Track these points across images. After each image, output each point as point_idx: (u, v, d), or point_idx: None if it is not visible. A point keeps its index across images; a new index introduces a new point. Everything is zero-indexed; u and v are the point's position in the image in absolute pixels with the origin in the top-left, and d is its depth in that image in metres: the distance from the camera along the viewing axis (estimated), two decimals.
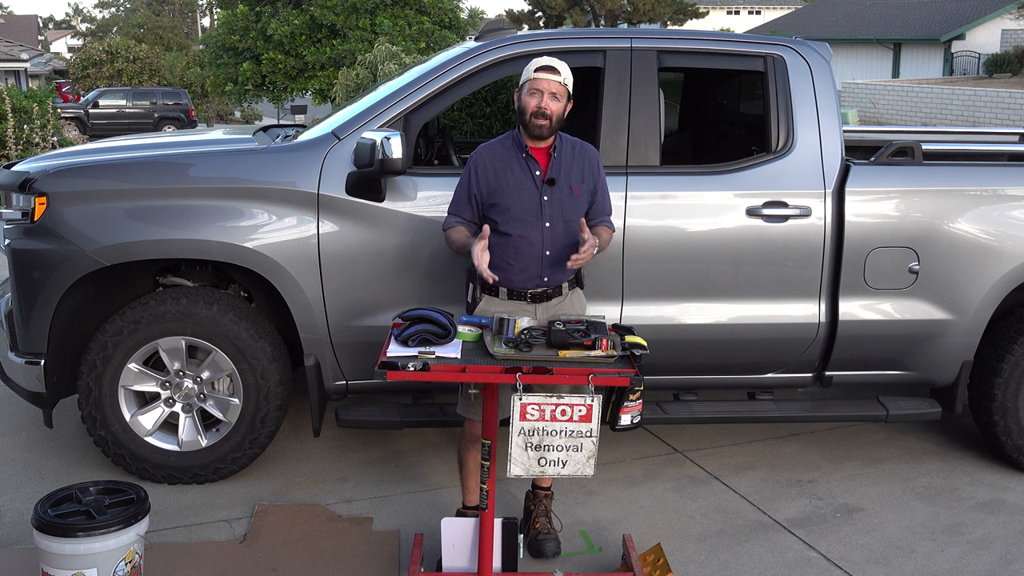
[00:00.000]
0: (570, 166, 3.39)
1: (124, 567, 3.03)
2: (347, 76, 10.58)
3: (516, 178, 3.35)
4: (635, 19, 37.82)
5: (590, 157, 3.45)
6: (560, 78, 3.28)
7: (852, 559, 3.64)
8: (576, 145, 3.45)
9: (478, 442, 3.35)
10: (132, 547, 3.05)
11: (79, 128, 25.97)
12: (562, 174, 3.37)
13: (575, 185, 3.38)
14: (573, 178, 3.38)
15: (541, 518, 3.62)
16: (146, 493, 3.17)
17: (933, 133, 5.70)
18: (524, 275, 3.35)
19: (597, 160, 3.48)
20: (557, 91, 3.29)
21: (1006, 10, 32.49)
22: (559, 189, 3.35)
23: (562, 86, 3.29)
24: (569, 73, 3.32)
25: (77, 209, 3.83)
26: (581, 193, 3.39)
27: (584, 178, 3.41)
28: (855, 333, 4.11)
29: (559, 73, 3.28)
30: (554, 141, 3.39)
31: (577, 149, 3.44)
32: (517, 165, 3.36)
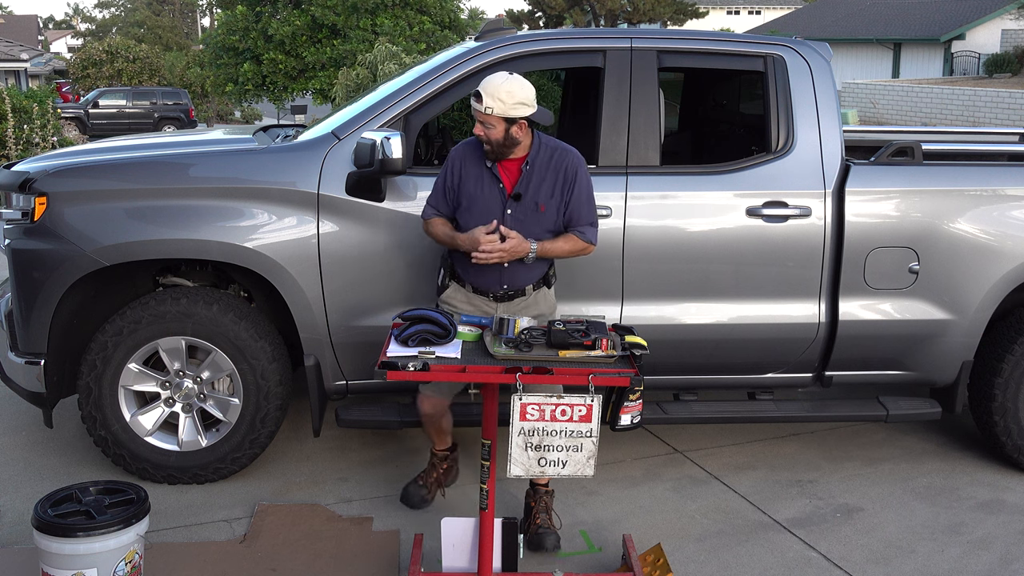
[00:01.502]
0: (541, 179, 3.36)
1: (124, 567, 3.03)
2: (347, 76, 10.58)
3: (483, 187, 3.39)
4: (635, 19, 37.80)
5: (567, 167, 3.39)
6: (482, 106, 3.23)
7: (852, 559, 3.64)
8: (555, 153, 3.40)
9: (433, 415, 3.61)
10: (132, 547, 3.06)
11: (79, 128, 25.96)
12: (530, 189, 3.36)
13: (542, 201, 3.35)
14: (542, 193, 3.36)
15: (541, 514, 3.62)
16: (146, 493, 3.17)
17: (933, 133, 5.70)
18: (484, 278, 3.43)
19: (575, 170, 3.40)
20: (483, 119, 3.26)
21: (1006, 10, 32.49)
22: (524, 205, 3.35)
23: (486, 115, 3.23)
24: (503, 96, 3.21)
25: (77, 209, 3.83)
26: (548, 209, 3.36)
27: (555, 192, 3.37)
28: (855, 333, 4.11)
29: (481, 101, 3.23)
30: (528, 153, 3.36)
31: (555, 159, 3.38)
32: (487, 173, 3.39)
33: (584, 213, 3.44)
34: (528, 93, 3.27)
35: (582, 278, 3.98)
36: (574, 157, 3.43)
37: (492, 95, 3.23)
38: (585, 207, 3.44)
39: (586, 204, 3.44)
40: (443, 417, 3.70)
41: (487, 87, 3.25)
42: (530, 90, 3.28)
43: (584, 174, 3.44)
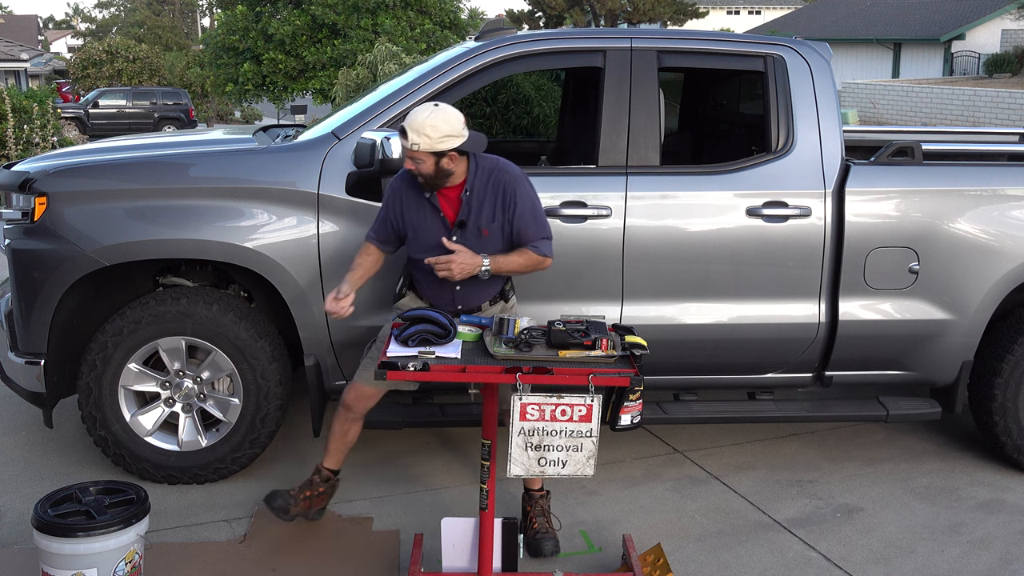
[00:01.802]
0: (481, 203, 3.31)
1: (124, 567, 3.04)
2: (347, 76, 10.58)
3: (425, 217, 3.36)
4: (635, 19, 37.80)
5: (505, 186, 3.31)
6: (408, 142, 3.17)
7: (852, 559, 3.64)
8: (492, 174, 3.32)
9: (351, 410, 3.51)
10: (132, 547, 3.06)
11: (79, 128, 25.97)
12: (472, 215, 3.31)
13: (484, 226, 3.30)
14: (484, 217, 3.31)
15: (539, 518, 3.62)
16: (146, 493, 3.17)
17: (933, 133, 5.70)
18: (438, 298, 3.42)
19: (514, 188, 3.31)
20: (411, 155, 3.21)
21: (1006, 10, 32.49)
22: (469, 231, 3.31)
23: (412, 151, 3.18)
24: (428, 131, 3.14)
25: (77, 209, 3.83)
26: (492, 233, 3.31)
27: (496, 214, 3.31)
28: (855, 333, 4.11)
29: (407, 137, 3.17)
30: (465, 180, 3.31)
31: (492, 180, 3.32)
32: (427, 204, 3.35)
33: (532, 229, 3.35)
34: (454, 124, 3.18)
35: (582, 278, 3.98)
36: (511, 175, 3.33)
37: (417, 131, 3.14)
38: (531, 223, 3.35)
39: (532, 220, 3.35)
40: (357, 421, 3.56)
41: (412, 123, 3.16)
42: (456, 120, 3.19)
43: (524, 190, 3.34)
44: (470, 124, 3.35)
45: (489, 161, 3.36)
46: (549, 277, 3.96)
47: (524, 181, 3.37)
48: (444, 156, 3.20)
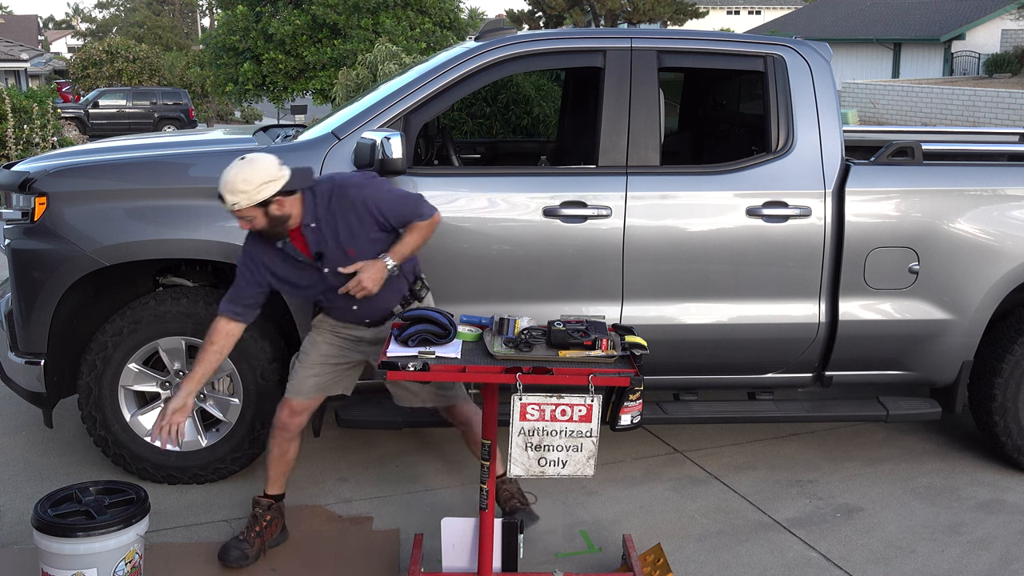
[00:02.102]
0: (334, 228, 3.19)
1: (124, 567, 3.04)
2: (347, 76, 10.58)
3: (291, 265, 3.27)
4: (635, 19, 37.80)
5: (354, 202, 3.18)
6: (226, 205, 3.06)
7: (852, 559, 3.64)
8: (332, 196, 3.19)
9: (287, 429, 3.45)
10: (132, 547, 3.06)
11: (79, 128, 25.98)
12: (328, 243, 3.20)
13: (347, 246, 3.20)
14: (342, 238, 3.19)
15: (511, 501, 3.60)
16: (146, 493, 3.17)
17: (933, 133, 5.70)
18: (344, 316, 3.39)
19: (363, 199, 3.19)
20: (237, 215, 3.10)
21: (1006, 10, 32.49)
22: (334, 258, 3.22)
23: (236, 211, 3.07)
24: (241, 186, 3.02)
25: (77, 209, 3.83)
26: (359, 249, 3.21)
27: (355, 230, 3.19)
28: (855, 333, 4.11)
29: (224, 201, 3.07)
30: (302, 217, 3.17)
31: (334, 201, 3.18)
32: (283, 253, 3.26)
33: (406, 210, 3.26)
34: (267, 169, 3.05)
35: (582, 278, 3.98)
36: (353, 187, 3.22)
37: (231, 190, 3.03)
38: (401, 207, 3.25)
39: (400, 203, 3.25)
40: (294, 440, 3.50)
41: (224, 185, 3.05)
42: (267, 165, 3.06)
43: (374, 191, 3.22)
44: (470, 124, 3.33)
45: (325, 185, 3.22)
46: (549, 277, 3.96)
47: (368, 184, 3.25)
48: (270, 204, 3.07)
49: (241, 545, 3.48)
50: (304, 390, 3.45)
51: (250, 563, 3.48)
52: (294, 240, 3.23)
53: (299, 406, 3.46)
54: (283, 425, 3.47)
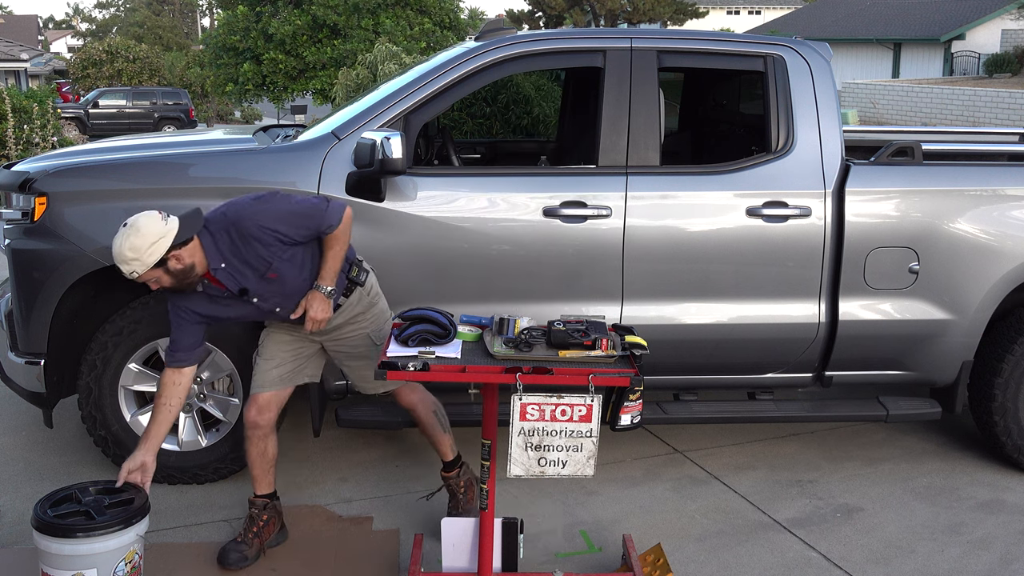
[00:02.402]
0: (245, 261, 3.11)
1: (124, 567, 3.02)
2: (347, 76, 10.58)
3: (217, 303, 3.23)
4: (635, 19, 37.80)
5: (251, 231, 3.07)
6: (127, 274, 3.01)
7: (852, 559, 3.64)
8: (231, 232, 3.09)
9: (259, 426, 3.42)
10: (132, 547, 3.05)
11: (79, 128, 25.98)
12: (247, 276, 3.15)
13: (265, 273, 3.14)
14: (258, 268, 3.14)
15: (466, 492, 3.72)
16: (146, 493, 3.17)
17: (933, 133, 5.70)
18: (293, 324, 3.38)
19: (259, 223, 3.07)
20: (143, 282, 3.05)
21: (1006, 10, 32.50)
22: (257, 288, 3.18)
23: (140, 279, 3.02)
24: (129, 253, 2.95)
25: (77, 209, 3.83)
26: (280, 271, 3.15)
27: (267, 256, 3.12)
28: (855, 333, 4.11)
29: (123, 273, 3.02)
30: (208, 262, 3.09)
31: (234, 236, 3.08)
32: (207, 295, 3.22)
33: (311, 223, 3.14)
34: (150, 230, 2.96)
35: (582, 278, 3.98)
36: (248, 220, 3.08)
37: (124, 261, 2.97)
38: (303, 221, 3.13)
39: (300, 219, 3.12)
40: (269, 435, 3.47)
41: (116, 258, 2.99)
42: (150, 225, 2.97)
43: (269, 214, 3.09)
44: (470, 124, 3.33)
45: (220, 223, 3.11)
46: (549, 277, 3.96)
47: (261, 209, 3.11)
48: (167, 262, 3.00)
49: (240, 547, 3.48)
50: (267, 382, 3.43)
51: (249, 564, 3.47)
52: (212, 281, 3.17)
53: (264, 400, 3.42)
54: (253, 423, 3.43)
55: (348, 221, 3.20)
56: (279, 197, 3.19)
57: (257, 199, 3.17)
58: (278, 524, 3.61)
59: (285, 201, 3.17)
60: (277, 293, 3.23)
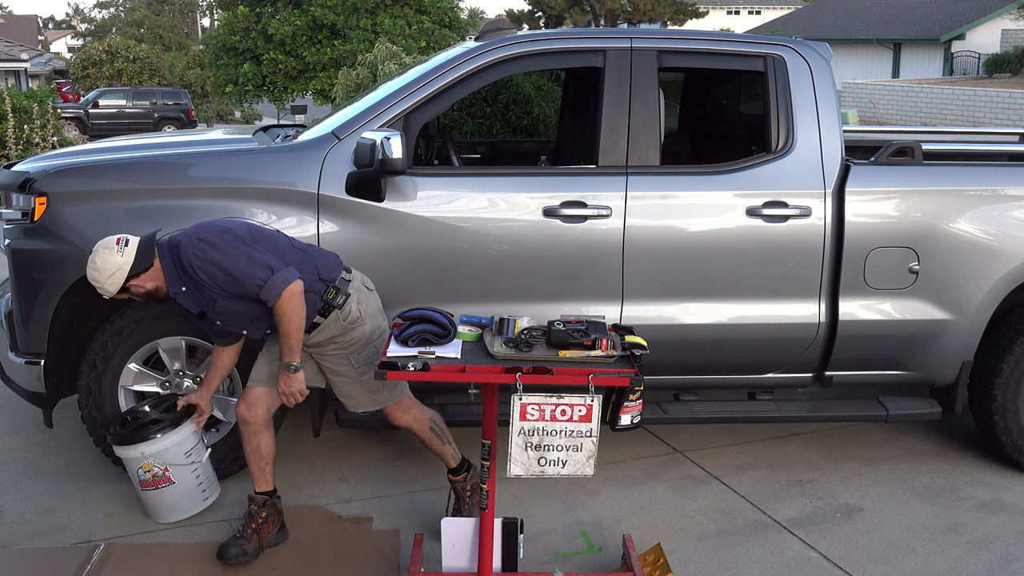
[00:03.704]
0: (196, 288, 3.23)
1: (144, 474, 3.67)
2: (347, 76, 10.58)
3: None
4: (635, 19, 37.81)
5: (193, 268, 3.15)
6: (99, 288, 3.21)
7: (852, 559, 3.64)
8: (176, 260, 3.21)
9: (249, 422, 3.46)
10: (146, 461, 3.64)
11: (79, 128, 25.98)
12: (204, 302, 3.27)
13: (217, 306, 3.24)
14: (206, 302, 3.25)
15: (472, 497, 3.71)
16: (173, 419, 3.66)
17: (933, 133, 5.70)
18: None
19: (195, 261, 3.13)
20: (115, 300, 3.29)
21: (1006, 10, 32.50)
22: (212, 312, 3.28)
23: (110, 298, 3.24)
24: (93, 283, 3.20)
25: (77, 209, 3.83)
26: (226, 306, 3.23)
27: (211, 293, 3.19)
28: (855, 333, 4.11)
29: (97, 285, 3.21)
30: (168, 285, 3.25)
31: (180, 265, 3.20)
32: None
33: (244, 288, 3.15)
34: (106, 262, 3.15)
35: (582, 278, 3.98)
36: (186, 254, 3.16)
37: (97, 285, 3.21)
38: (236, 282, 3.14)
39: (233, 278, 3.13)
40: (262, 431, 3.47)
41: (89, 276, 3.21)
42: (106, 258, 3.16)
43: (203, 260, 3.13)
44: (470, 124, 3.34)
45: (171, 251, 3.22)
46: (549, 277, 3.96)
47: (197, 250, 3.14)
48: (129, 288, 3.22)
49: (239, 542, 3.48)
50: (259, 377, 3.47)
51: (249, 559, 3.48)
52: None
53: (254, 396, 3.44)
54: (242, 418, 3.46)
55: (291, 299, 3.14)
56: (225, 244, 3.14)
57: (203, 238, 3.16)
58: (278, 523, 3.61)
59: (225, 255, 3.13)
60: (236, 321, 3.32)
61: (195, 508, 3.79)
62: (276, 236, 3.36)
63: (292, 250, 3.32)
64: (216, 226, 3.24)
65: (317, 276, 3.30)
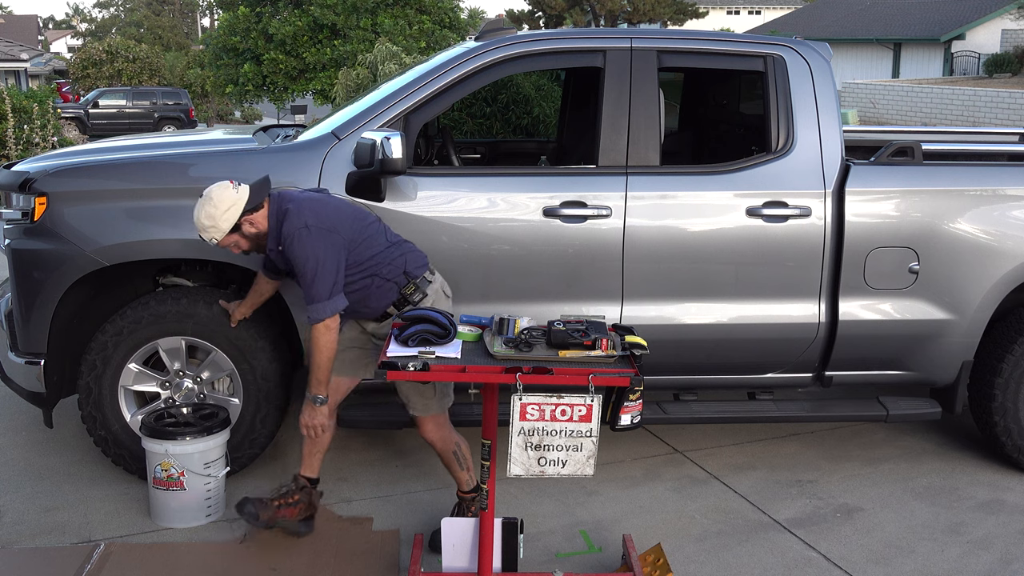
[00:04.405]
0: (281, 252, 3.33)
1: (160, 472, 3.71)
2: (347, 76, 10.58)
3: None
4: (635, 19, 37.83)
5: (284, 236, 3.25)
6: (208, 240, 3.27)
7: (852, 559, 3.64)
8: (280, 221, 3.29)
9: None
10: (164, 459, 3.68)
11: (79, 128, 25.98)
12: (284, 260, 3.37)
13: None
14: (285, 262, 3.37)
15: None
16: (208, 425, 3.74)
17: (933, 133, 5.70)
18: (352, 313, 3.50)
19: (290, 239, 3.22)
20: (223, 247, 3.33)
21: (1006, 10, 32.50)
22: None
23: (216, 245, 3.30)
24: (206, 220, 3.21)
25: (77, 209, 3.83)
26: None
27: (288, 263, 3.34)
28: (855, 333, 4.11)
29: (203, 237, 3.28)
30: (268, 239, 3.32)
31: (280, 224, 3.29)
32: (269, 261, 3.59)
33: (304, 290, 3.25)
34: (223, 197, 3.20)
35: (582, 278, 3.98)
36: (291, 224, 3.23)
37: (203, 229, 3.24)
38: (300, 278, 3.24)
39: (301, 275, 3.24)
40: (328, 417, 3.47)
41: (197, 227, 3.26)
42: (223, 193, 3.21)
43: (298, 242, 3.21)
44: (470, 124, 3.34)
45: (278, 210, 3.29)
46: (549, 277, 3.96)
47: (301, 235, 3.21)
48: (241, 226, 3.26)
49: (258, 505, 3.53)
50: (337, 367, 3.47)
51: (257, 527, 3.55)
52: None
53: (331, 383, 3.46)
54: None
55: (327, 332, 3.23)
56: (319, 246, 3.21)
57: (308, 226, 3.21)
58: (305, 513, 3.61)
59: (311, 254, 3.20)
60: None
61: (195, 520, 3.77)
62: (373, 230, 3.39)
63: (385, 243, 3.39)
64: (326, 220, 3.26)
65: (403, 269, 3.39)
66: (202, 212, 3.22)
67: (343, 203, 3.42)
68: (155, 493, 3.76)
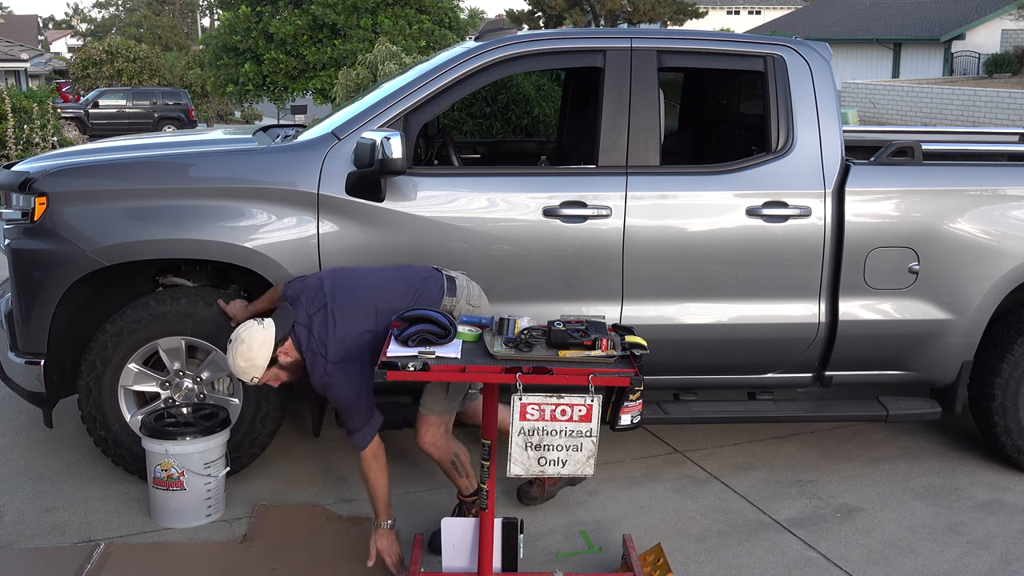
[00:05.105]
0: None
1: (160, 472, 3.72)
2: (347, 76, 10.57)
3: None
4: (635, 19, 37.82)
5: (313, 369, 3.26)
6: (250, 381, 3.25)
7: (852, 559, 3.64)
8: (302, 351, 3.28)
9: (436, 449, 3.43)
10: (164, 459, 3.70)
11: (79, 128, 25.99)
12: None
13: None
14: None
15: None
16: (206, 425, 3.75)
17: (933, 133, 5.70)
18: None
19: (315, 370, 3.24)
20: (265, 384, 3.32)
21: (1006, 10, 32.51)
22: None
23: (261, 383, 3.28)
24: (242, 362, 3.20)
25: (77, 209, 3.83)
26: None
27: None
28: (855, 333, 4.11)
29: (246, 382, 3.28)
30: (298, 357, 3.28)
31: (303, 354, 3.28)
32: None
33: (341, 418, 3.30)
34: (253, 336, 3.18)
35: (582, 278, 3.98)
36: (311, 360, 3.25)
37: (243, 372, 3.22)
38: (337, 411, 3.29)
39: (336, 408, 3.28)
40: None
41: (235, 371, 3.24)
42: (253, 332, 3.20)
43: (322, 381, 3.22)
44: (470, 124, 3.33)
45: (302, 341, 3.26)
46: (549, 277, 3.96)
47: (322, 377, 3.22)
48: (278, 359, 3.23)
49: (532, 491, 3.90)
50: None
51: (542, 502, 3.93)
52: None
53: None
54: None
55: (374, 460, 3.29)
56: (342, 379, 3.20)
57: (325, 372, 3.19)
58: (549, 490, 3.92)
59: (335, 388, 3.21)
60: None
61: (195, 520, 3.78)
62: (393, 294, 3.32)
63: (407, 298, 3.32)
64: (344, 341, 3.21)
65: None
66: (237, 355, 3.19)
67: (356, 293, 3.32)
68: (155, 493, 3.76)
